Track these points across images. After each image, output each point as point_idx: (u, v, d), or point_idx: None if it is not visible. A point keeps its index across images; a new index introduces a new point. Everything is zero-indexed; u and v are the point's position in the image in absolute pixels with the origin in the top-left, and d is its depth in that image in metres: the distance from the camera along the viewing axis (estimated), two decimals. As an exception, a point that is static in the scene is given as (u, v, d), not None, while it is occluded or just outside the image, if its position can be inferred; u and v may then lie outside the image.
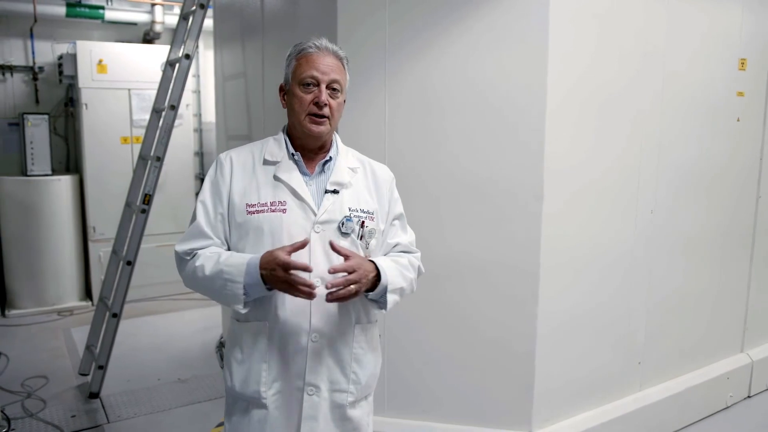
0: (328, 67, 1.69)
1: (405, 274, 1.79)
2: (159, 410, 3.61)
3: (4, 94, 5.69)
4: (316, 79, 1.68)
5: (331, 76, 1.69)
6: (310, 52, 1.69)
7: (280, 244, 1.65)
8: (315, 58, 1.69)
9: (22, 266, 5.41)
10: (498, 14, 2.58)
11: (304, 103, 1.69)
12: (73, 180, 5.61)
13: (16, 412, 3.54)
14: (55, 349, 4.61)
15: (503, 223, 2.68)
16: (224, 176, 1.74)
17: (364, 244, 1.75)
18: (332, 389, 1.74)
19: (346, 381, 1.75)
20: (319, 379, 1.71)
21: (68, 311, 5.49)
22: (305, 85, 1.68)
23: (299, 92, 1.69)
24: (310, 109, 1.68)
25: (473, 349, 2.79)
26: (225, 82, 4.16)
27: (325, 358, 1.71)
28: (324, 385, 1.72)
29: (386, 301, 1.71)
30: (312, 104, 1.68)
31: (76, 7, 5.60)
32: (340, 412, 1.76)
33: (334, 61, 1.71)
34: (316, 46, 1.70)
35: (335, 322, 1.72)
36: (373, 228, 1.77)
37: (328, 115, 1.69)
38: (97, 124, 5.55)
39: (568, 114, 2.67)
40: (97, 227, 5.62)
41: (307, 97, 1.68)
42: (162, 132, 3.73)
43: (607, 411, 2.99)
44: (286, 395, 1.72)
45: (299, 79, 1.69)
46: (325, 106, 1.68)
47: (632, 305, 3.06)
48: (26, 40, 5.69)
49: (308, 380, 1.70)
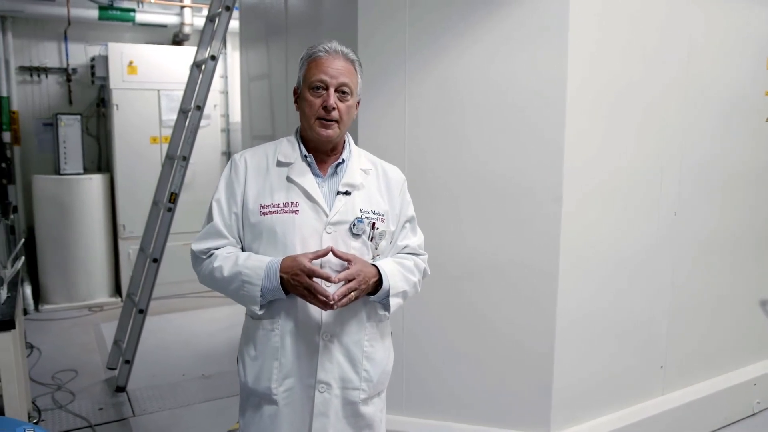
0: (337, 70, 1.70)
1: (408, 278, 1.81)
2: (183, 405, 3.68)
3: (39, 95, 5.85)
4: (324, 83, 1.69)
5: (340, 79, 1.70)
6: (320, 56, 1.71)
7: (292, 245, 1.68)
8: (324, 62, 1.70)
9: (55, 263, 5.56)
10: (517, 16, 2.57)
11: (313, 107, 1.71)
12: (104, 179, 5.74)
13: (47, 404, 3.65)
14: (85, 343, 4.73)
15: (522, 223, 2.67)
16: (239, 177, 1.77)
17: (374, 246, 1.77)
18: (344, 387, 1.76)
19: (357, 379, 1.77)
20: (331, 376, 1.74)
21: (98, 307, 5.62)
22: (314, 88, 1.70)
23: (309, 96, 1.71)
24: (318, 113, 1.70)
25: (492, 349, 2.78)
26: (250, 83, 4.22)
27: (336, 356, 1.74)
28: (335, 382, 1.75)
29: (389, 304, 1.74)
30: (321, 108, 1.70)
31: (108, 10, 5.73)
32: (353, 409, 1.78)
33: (343, 65, 1.72)
34: (325, 50, 1.71)
35: (346, 321, 1.74)
36: (383, 230, 1.78)
37: (336, 119, 1.71)
38: (127, 124, 5.67)
39: (589, 114, 2.65)
40: (126, 225, 5.73)
41: (316, 101, 1.70)
42: (188, 132, 3.80)
43: (628, 414, 2.95)
44: (298, 392, 1.74)
45: (309, 83, 1.71)
46: (333, 110, 1.69)
47: (654, 307, 3.02)
48: (60, 42, 5.84)
49: (320, 378, 1.72)
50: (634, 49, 2.74)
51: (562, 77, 2.54)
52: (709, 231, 3.18)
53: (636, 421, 2.95)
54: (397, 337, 2.78)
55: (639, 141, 2.84)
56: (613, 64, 2.69)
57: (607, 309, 2.84)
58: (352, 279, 1.64)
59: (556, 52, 2.54)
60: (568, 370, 2.74)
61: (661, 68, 2.83)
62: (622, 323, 2.92)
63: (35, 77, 5.80)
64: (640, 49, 2.76)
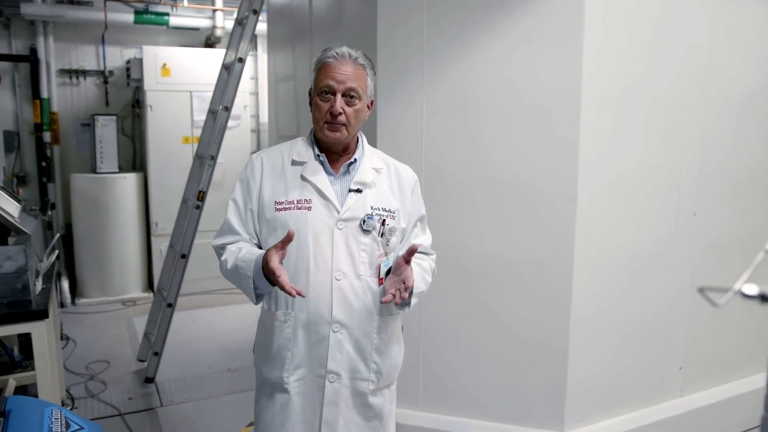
0: (345, 76, 1.75)
1: (426, 279, 1.89)
2: (208, 397, 3.80)
3: (77, 96, 6.08)
4: (332, 89, 1.75)
5: (347, 84, 1.75)
6: (329, 61, 1.76)
7: (305, 240, 1.76)
8: (332, 67, 1.75)
9: (91, 258, 5.77)
10: (533, 17, 2.60)
11: (321, 111, 1.77)
12: (138, 177, 5.93)
13: (80, 393, 3.81)
14: (118, 336, 4.91)
15: (537, 222, 2.70)
16: (255, 175, 1.85)
17: (385, 242, 1.83)
18: (353, 377, 1.82)
19: (366, 370, 1.83)
20: (340, 367, 1.80)
21: (131, 301, 5.80)
22: (323, 93, 1.77)
23: (318, 101, 1.78)
24: (326, 117, 1.76)
25: (507, 347, 2.82)
26: (276, 84, 4.32)
27: (346, 348, 1.80)
28: (345, 373, 1.81)
29: (409, 303, 1.79)
30: (328, 113, 1.76)
31: (143, 14, 5.91)
32: (362, 400, 1.84)
33: (351, 69, 1.76)
34: (335, 56, 1.76)
35: (356, 314, 1.80)
36: (393, 226, 1.84)
37: (344, 123, 1.76)
38: (160, 124, 5.84)
39: (605, 114, 2.66)
40: (159, 222, 5.91)
41: (324, 105, 1.76)
42: (216, 132, 3.91)
43: (645, 415, 2.94)
44: (309, 382, 1.81)
45: (318, 88, 1.78)
46: (340, 114, 1.75)
47: (673, 308, 3.01)
48: (98, 46, 6.06)
49: (330, 368, 1.79)
50: (650, 49, 2.74)
51: (577, 78, 2.56)
52: (729, 231, 3.14)
53: (653, 422, 2.94)
54: (413, 334, 2.86)
55: (655, 141, 2.83)
56: (629, 64, 2.69)
57: (621, 308, 2.84)
58: (406, 284, 1.72)
59: (571, 53, 2.56)
60: (582, 368, 2.76)
61: (678, 68, 2.82)
62: (637, 323, 2.91)
63: (74, 79, 6.03)
64: (656, 49, 2.76)
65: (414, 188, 1.95)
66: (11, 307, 2.49)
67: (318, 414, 1.82)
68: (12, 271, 2.49)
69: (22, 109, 5.84)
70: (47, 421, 1.65)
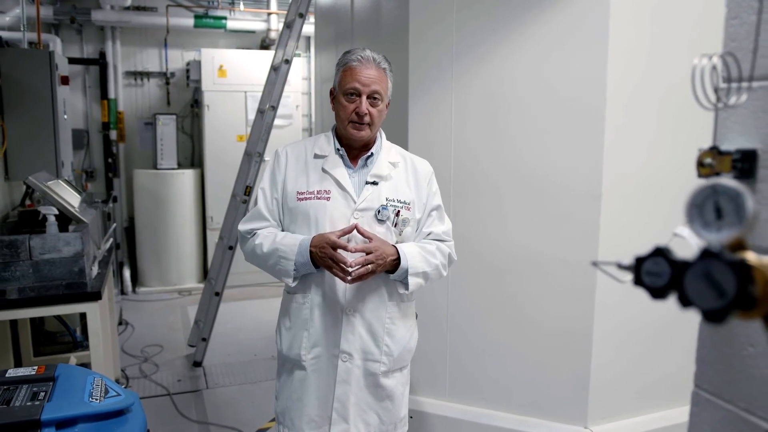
0: (369, 78, 1.87)
1: (429, 260, 1.95)
2: (251, 382, 4.01)
3: (141, 97, 6.45)
4: (357, 91, 1.88)
5: (371, 87, 1.88)
6: (353, 65, 1.89)
7: (323, 227, 1.89)
8: (357, 70, 1.88)
9: (151, 249, 6.12)
10: (559, 19, 2.64)
11: (347, 111, 1.90)
12: (195, 174, 6.23)
13: (134, 373, 4.09)
14: (172, 323, 5.21)
15: (562, 219, 2.74)
16: (280, 167, 2.00)
17: (398, 231, 1.94)
18: (365, 358, 1.94)
19: (378, 352, 1.94)
20: (353, 347, 1.92)
21: (187, 291, 6.11)
22: (348, 95, 1.89)
23: (343, 101, 1.90)
24: (351, 117, 1.89)
25: (531, 341, 2.86)
26: (322, 84, 4.49)
27: (358, 330, 1.92)
28: (357, 353, 1.93)
29: (407, 282, 1.89)
30: (353, 113, 1.89)
31: (203, 18, 6.22)
32: (373, 380, 1.96)
33: (375, 73, 1.89)
34: (359, 59, 1.89)
35: (369, 298, 1.92)
36: (407, 217, 1.95)
37: (368, 122, 1.89)
38: (216, 123, 6.13)
39: (631, 113, 2.67)
40: (214, 217, 6.19)
41: (350, 106, 1.89)
42: (263, 130, 4.11)
43: (671, 415, 2.92)
44: (324, 360, 1.94)
45: (343, 90, 1.90)
46: (365, 115, 1.88)
47: (705, 310, 2.98)
48: (161, 49, 6.41)
49: (342, 348, 1.91)
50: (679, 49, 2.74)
51: (603, 77, 2.59)
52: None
53: (679, 423, 2.90)
54: (441, 326, 2.95)
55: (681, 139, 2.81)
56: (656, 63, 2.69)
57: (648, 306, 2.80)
58: (369, 252, 1.81)
59: (598, 53, 2.59)
60: (607, 365, 2.77)
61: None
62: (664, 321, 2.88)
63: (138, 81, 6.40)
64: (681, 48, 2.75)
65: (429, 180, 2.05)
66: (68, 288, 2.73)
67: (332, 391, 1.94)
68: (70, 255, 2.74)
69: (91, 108, 6.25)
70: (89, 387, 1.84)
